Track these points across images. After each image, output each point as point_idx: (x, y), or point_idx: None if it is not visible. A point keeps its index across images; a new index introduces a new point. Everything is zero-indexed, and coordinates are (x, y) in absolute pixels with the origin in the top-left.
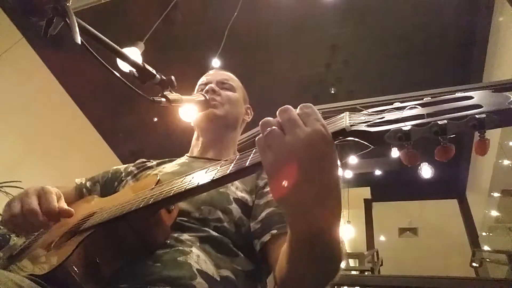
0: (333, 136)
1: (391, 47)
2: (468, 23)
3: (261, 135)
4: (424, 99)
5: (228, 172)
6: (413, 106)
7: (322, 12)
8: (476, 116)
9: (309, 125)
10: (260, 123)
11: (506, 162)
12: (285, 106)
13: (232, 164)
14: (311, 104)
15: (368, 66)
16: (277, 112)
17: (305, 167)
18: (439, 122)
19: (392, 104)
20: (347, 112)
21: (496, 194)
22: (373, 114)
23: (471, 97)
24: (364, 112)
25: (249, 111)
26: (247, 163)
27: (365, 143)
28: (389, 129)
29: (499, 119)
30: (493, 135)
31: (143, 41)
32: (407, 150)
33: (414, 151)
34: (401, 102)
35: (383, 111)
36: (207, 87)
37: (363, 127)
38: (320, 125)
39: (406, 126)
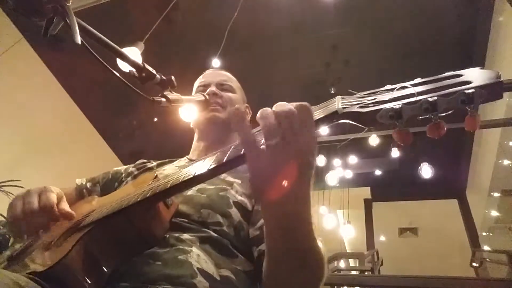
0: (326, 119)
1: (391, 47)
2: (468, 23)
3: (272, 120)
4: (414, 80)
5: (224, 160)
6: (404, 86)
7: (322, 12)
8: (465, 91)
9: (301, 133)
10: (283, 112)
11: (506, 162)
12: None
13: (228, 153)
14: (309, 107)
15: (368, 66)
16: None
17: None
18: (429, 99)
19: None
20: (339, 96)
21: (496, 194)
22: (365, 97)
23: (460, 75)
24: (357, 95)
25: (247, 110)
26: (243, 150)
27: (358, 124)
28: (381, 109)
29: (487, 93)
30: (493, 135)
31: (143, 41)
32: (400, 129)
33: (407, 129)
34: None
35: (375, 93)
36: (208, 90)
37: (355, 109)
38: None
39: (397, 104)
